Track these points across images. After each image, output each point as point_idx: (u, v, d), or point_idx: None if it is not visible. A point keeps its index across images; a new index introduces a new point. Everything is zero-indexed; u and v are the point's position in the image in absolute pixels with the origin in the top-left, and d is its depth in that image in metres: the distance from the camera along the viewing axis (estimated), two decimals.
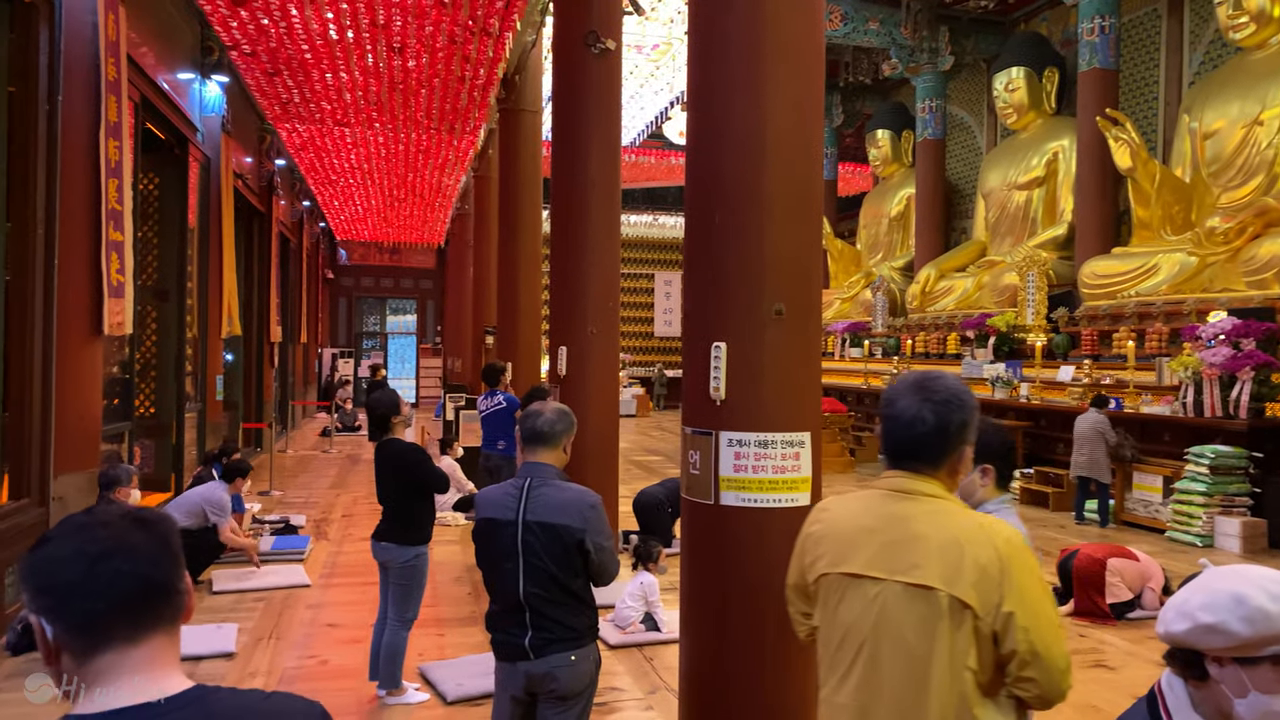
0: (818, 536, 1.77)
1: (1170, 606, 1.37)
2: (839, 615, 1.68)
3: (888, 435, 1.71)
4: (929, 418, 1.64)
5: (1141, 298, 10.59)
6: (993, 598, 1.53)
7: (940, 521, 1.62)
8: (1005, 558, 1.56)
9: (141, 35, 7.02)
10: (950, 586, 1.55)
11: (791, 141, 3.08)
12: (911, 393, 1.67)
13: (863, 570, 1.64)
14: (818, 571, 1.73)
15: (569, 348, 6.27)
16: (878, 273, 16.95)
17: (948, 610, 1.54)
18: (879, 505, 1.69)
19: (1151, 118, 12.60)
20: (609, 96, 6.34)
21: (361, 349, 25.69)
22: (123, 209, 6.18)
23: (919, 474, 1.67)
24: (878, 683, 1.60)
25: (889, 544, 1.63)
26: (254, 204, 12.54)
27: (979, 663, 1.55)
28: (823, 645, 1.73)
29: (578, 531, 2.68)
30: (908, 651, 1.57)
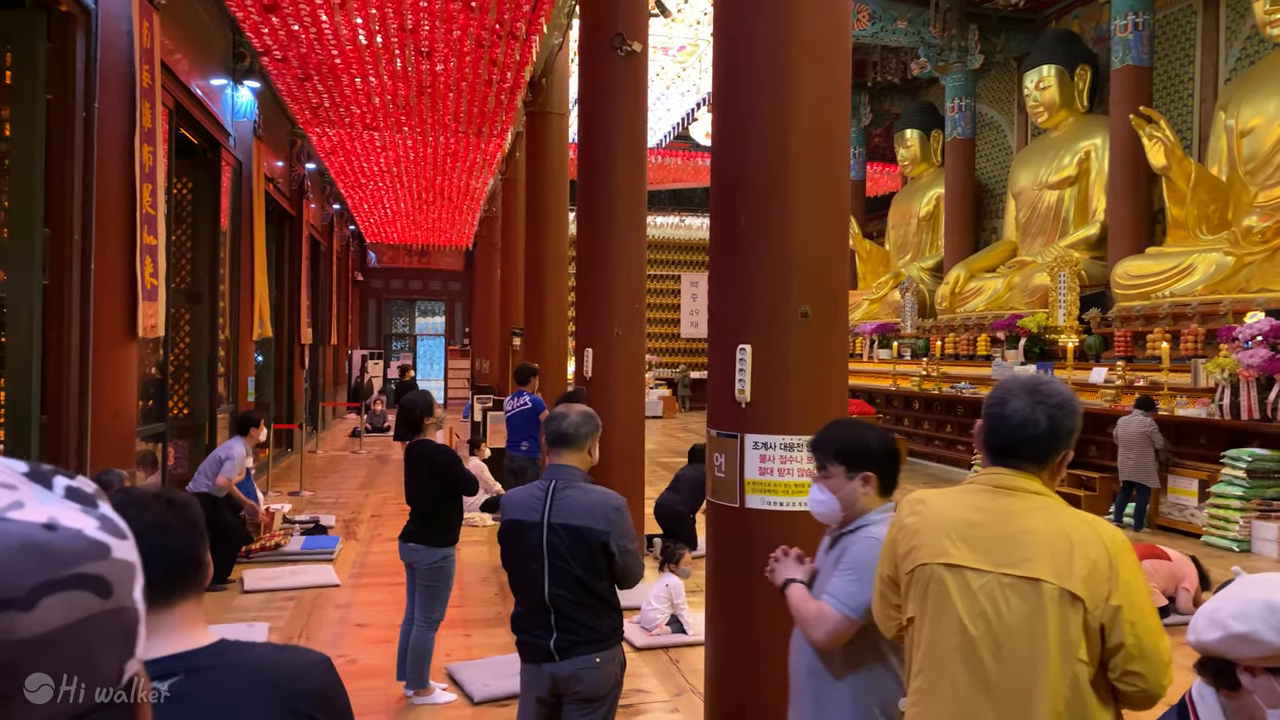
0: (914, 528, 1.77)
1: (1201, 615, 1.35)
2: (941, 606, 1.69)
3: (995, 433, 1.74)
4: (1042, 420, 1.68)
5: (1176, 298, 10.41)
6: (1102, 591, 1.57)
7: (1048, 517, 1.65)
8: (1113, 554, 1.60)
9: (175, 42, 7.13)
10: (1061, 580, 1.58)
11: (817, 142, 3.07)
12: (1024, 394, 1.71)
13: (967, 562, 1.66)
14: (915, 562, 1.74)
15: (595, 349, 6.29)
16: (906, 273, 16.82)
17: (1058, 603, 1.57)
18: (982, 500, 1.72)
19: (1186, 115, 12.39)
20: (635, 98, 6.34)
21: (390, 351, 25.92)
22: (156, 213, 6.28)
23: (1023, 471, 1.71)
24: (987, 674, 1.61)
25: (995, 538, 1.66)
26: (285, 207, 12.69)
27: (1089, 655, 1.57)
28: (919, 634, 1.73)
29: (602, 534, 2.68)
30: (1019, 643, 1.59)
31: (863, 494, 2.15)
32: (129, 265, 5.82)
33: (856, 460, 2.16)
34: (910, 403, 14.24)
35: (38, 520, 0.53)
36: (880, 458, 2.20)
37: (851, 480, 2.15)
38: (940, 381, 13.41)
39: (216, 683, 1.15)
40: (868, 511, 2.16)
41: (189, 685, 1.13)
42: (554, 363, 9.56)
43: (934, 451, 13.40)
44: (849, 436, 2.24)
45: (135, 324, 5.85)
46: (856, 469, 2.15)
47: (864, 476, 2.16)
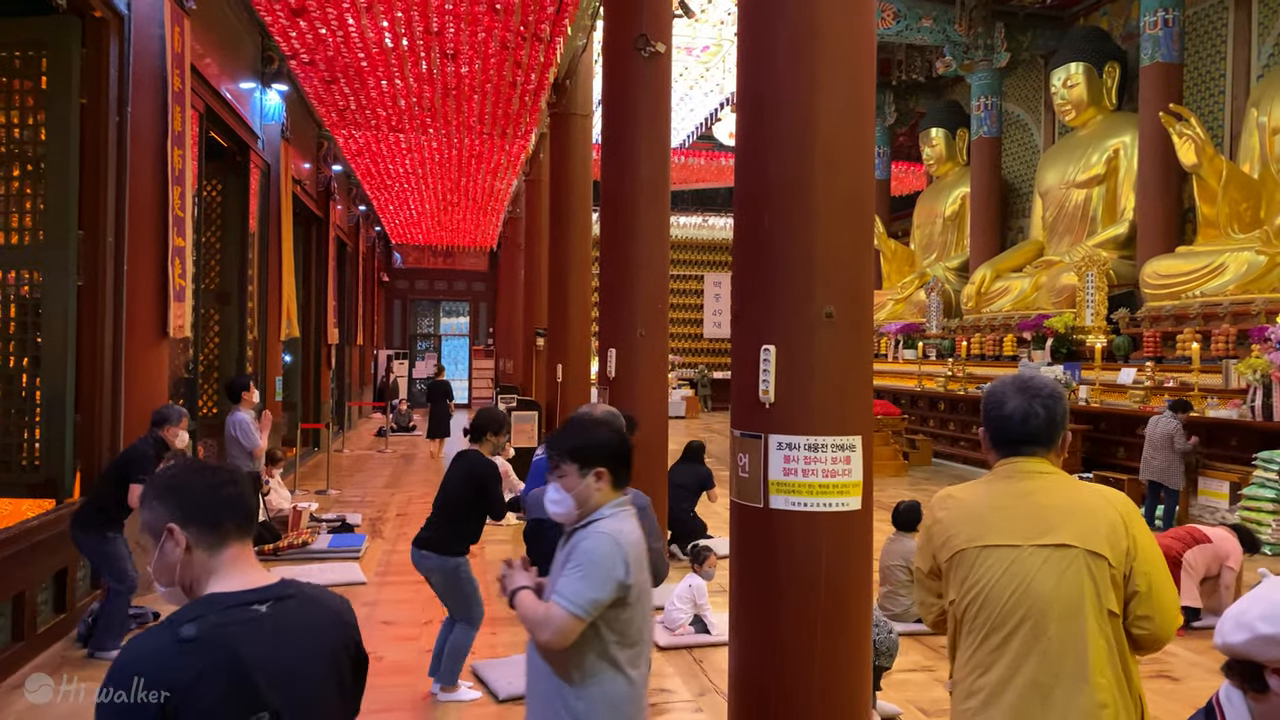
0: (947, 521, 1.94)
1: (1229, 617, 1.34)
2: (982, 584, 1.84)
3: (1002, 431, 1.94)
4: (1041, 412, 1.90)
5: (1207, 298, 10.27)
6: (1121, 546, 1.78)
7: (1063, 490, 1.87)
8: (1125, 515, 1.82)
9: (205, 46, 7.23)
10: (1085, 543, 1.78)
11: (842, 142, 3.06)
12: (1018, 393, 1.93)
13: (1001, 541, 1.84)
14: (953, 549, 1.90)
15: (618, 349, 6.30)
16: (932, 273, 16.70)
17: (1086, 563, 1.77)
18: (1003, 486, 1.91)
19: (1218, 112, 12.22)
20: (659, 99, 6.35)
21: (415, 351, 26.09)
22: (185, 215, 6.37)
23: (1034, 456, 1.91)
24: (1030, 634, 1.77)
25: (1021, 515, 1.84)
26: (312, 209, 12.82)
27: (1118, 606, 1.78)
28: (963, 613, 1.88)
29: None
30: (1059, 603, 1.76)
31: (595, 490, 2.19)
32: (160, 266, 5.91)
33: (588, 457, 2.20)
34: (935, 403, 14.15)
35: None
36: (611, 453, 2.24)
37: (585, 477, 2.19)
38: (966, 382, 13.31)
39: (300, 609, 1.48)
40: (600, 507, 2.19)
41: (280, 609, 1.45)
42: (577, 363, 9.60)
43: (959, 453, 13.30)
44: (580, 434, 2.30)
45: (166, 324, 5.94)
46: (589, 466, 2.19)
47: (596, 472, 2.19)
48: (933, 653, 5.08)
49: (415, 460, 13.41)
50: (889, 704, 4.18)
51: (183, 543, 1.44)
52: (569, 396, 9.26)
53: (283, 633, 1.43)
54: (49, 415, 5.21)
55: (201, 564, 1.45)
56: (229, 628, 1.37)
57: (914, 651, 5.05)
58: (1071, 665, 1.74)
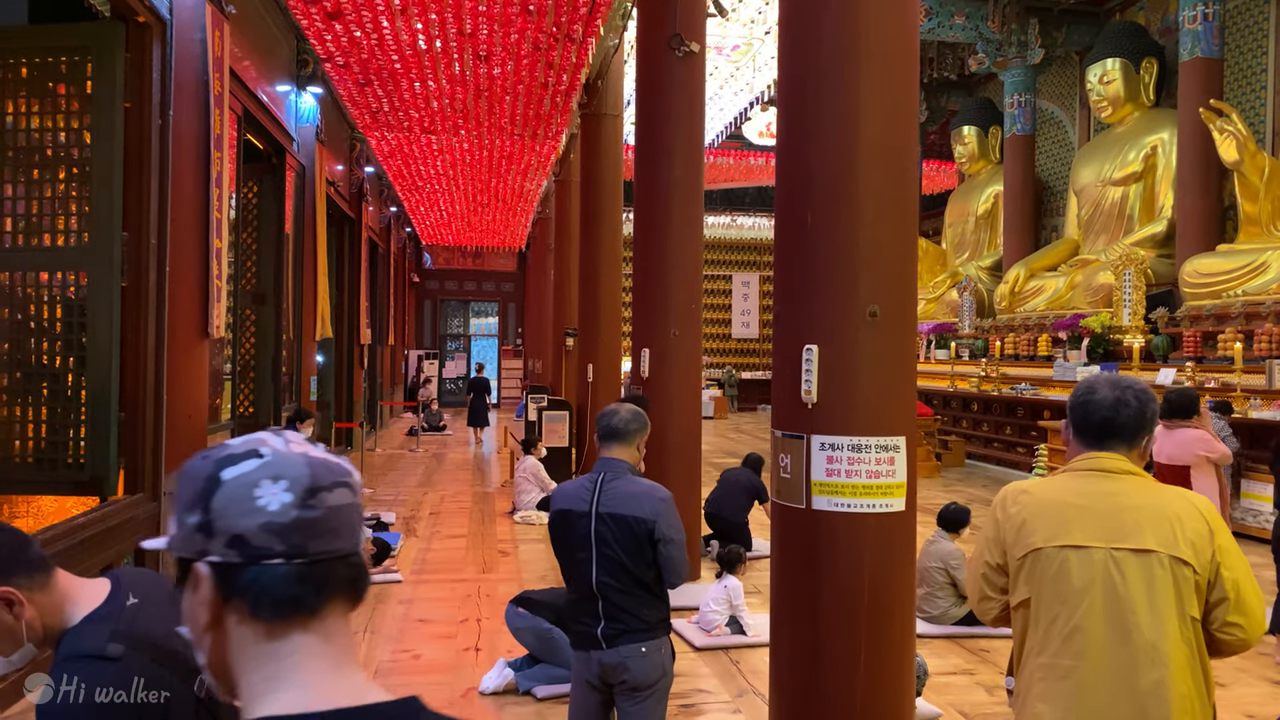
0: (1020, 518, 1.92)
1: None
2: (1060, 584, 1.83)
3: (1089, 419, 1.93)
4: (1132, 401, 1.91)
5: (1249, 297, 10.08)
6: (1205, 554, 1.78)
7: (1147, 494, 1.85)
8: (1210, 521, 1.81)
9: (243, 49, 7.32)
10: (1169, 548, 1.77)
11: (885, 141, 3.04)
12: (1109, 386, 1.94)
13: (1081, 541, 1.82)
14: (1029, 547, 1.88)
15: (651, 349, 6.30)
16: (964, 273, 16.54)
17: (1169, 568, 1.77)
18: (1084, 484, 1.90)
19: (1259, 108, 11.99)
20: (693, 99, 6.34)
21: (445, 351, 26.26)
22: (222, 216, 6.45)
23: (1118, 453, 1.91)
24: (1109, 639, 1.77)
25: (1103, 516, 1.83)
26: (345, 210, 12.94)
27: (1200, 611, 1.78)
28: (1036, 614, 1.87)
29: (649, 522, 2.75)
30: (1141, 608, 1.76)
31: None
32: (202, 268, 5.99)
33: None
34: (969, 404, 14.00)
35: (315, 453, 0.90)
36: None
37: None
38: (1000, 383, 13.16)
39: (152, 587, 1.57)
40: None
41: (139, 600, 1.54)
42: (608, 363, 9.60)
43: (993, 454, 13.15)
44: None
45: (208, 325, 6.02)
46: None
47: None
48: (973, 656, 5.03)
49: (446, 460, 13.49)
50: (930, 705, 4.14)
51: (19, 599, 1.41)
52: (600, 396, 9.26)
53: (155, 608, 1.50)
54: (94, 414, 5.29)
55: (44, 605, 1.43)
56: (137, 622, 1.45)
57: (954, 655, 5.00)
58: (1153, 670, 1.74)
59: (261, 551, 0.83)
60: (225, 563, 0.84)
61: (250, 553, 0.83)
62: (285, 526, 0.83)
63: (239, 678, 0.85)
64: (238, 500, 0.84)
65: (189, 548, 0.85)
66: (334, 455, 0.91)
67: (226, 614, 0.85)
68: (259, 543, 0.83)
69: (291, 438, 0.90)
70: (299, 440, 0.90)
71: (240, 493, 0.84)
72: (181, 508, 0.87)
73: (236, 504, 0.83)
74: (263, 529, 0.83)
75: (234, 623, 0.85)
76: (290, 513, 0.84)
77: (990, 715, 4.21)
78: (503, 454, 13.99)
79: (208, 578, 0.84)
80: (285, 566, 0.83)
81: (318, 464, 0.87)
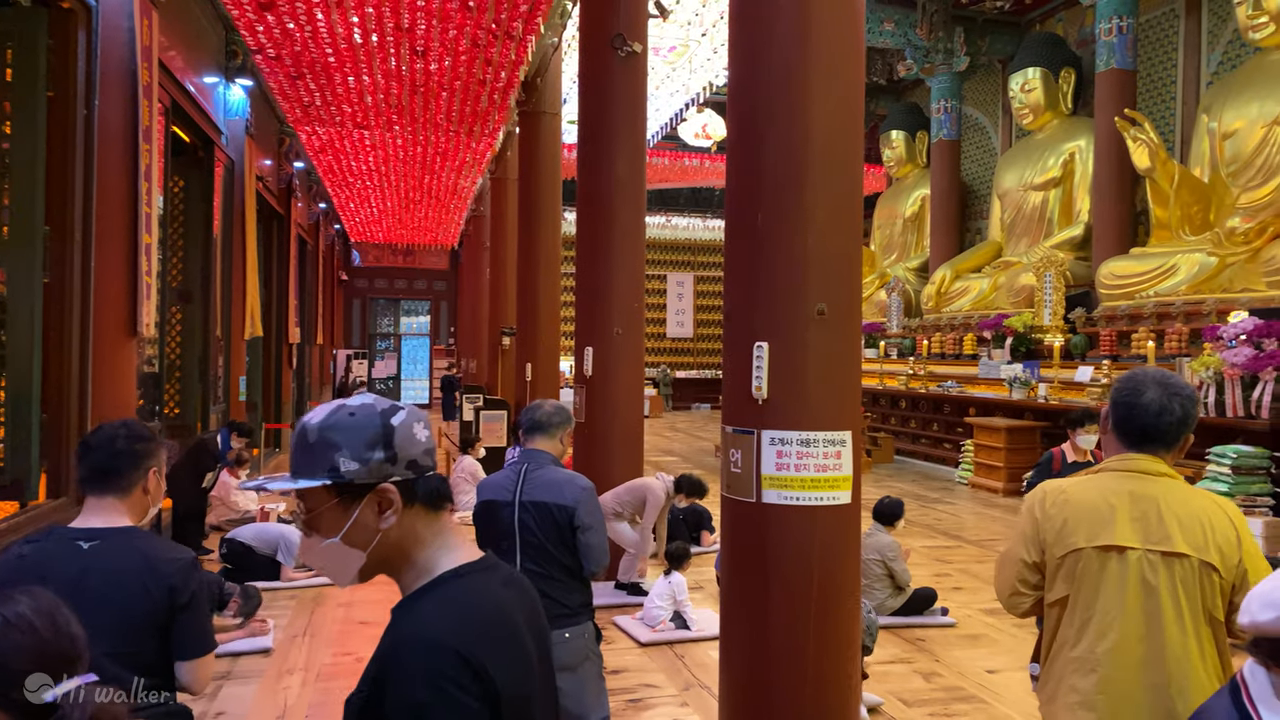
0: (1061, 518, 1.98)
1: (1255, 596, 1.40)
2: (1098, 583, 1.91)
3: (1131, 420, 1.97)
4: (1177, 409, 1.95)
5: (1160, 298, 10.57)
6: (1233, 559, 1.87)
7: (1183, 498, 1.92)
8: (1238, 526, 1.91)
9: (170, 39, 7.09)
10: (1200, 553, 1.86)
11: (834, 142, 3.12)
12: (1157, 387, 1.96)
13: (1120, 543, 1.91)
14: (1069, 547, 1.96)
15: (594, 348, 6.32)
16: (892, 274, 16.95)
17: (1198, 572, 1.86)
18: (1123, 485, 1.96)
19: (1169, 118, 12.58)
20: (635, 99, 6.38)
21: (375, 350, 25.81)
22: (151, 211, 6.25)
23: (1156, 456, 1.97)
24: (1140, 635, 1.86)
25: (1140, 519, 1.91)
26: (274, 206, 12.63)
27: (1223, 613, 1.88)
28: (1072, 610, 1.95)
29: (569, 509, 2.87)
30: (1169, 608, 1.85)
31: None
32: (130, 263, 5.80)
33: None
34: (897, 401, 14.36)
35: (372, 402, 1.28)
36: None
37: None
38: (927, 380, 13.53)
39: (111, 550, 1.99)
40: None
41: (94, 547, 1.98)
42: (547, 362, 9.58)
43: (921, 450, 13.52)
44: None
45: (135, 322, 5.83)
46: None
47: None
48: (910, 645, 5.18)
49: None
50: (871, 694, 4.25)
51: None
52: (539, 395, 9.24)
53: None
54: (14, 415, 5.07)
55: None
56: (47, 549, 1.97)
57: (892, 645, 5.14)
58: (1175, 666, 1.84)
59: (426, 467, 1.26)
60: (405, 480, 1.23)
61: (420, 469, 1.25)
62: (429, 450, 1.29)
63: (416, 554, 1.25)
64: (409, 437, 1.25)
65: (376, 475, 1.21)
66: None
67: (408, 516, 1.23)
68: (425, 463, 1.27)
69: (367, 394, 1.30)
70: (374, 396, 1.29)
71: (408, 432, 1.25)
72: (359, 448, 1.21)
73: (409, 439, 1.24)
74: (424, 454, 1.27)
75: (413, 518, 1.24)
76: (429, 441, 1.29)
77: (927, 702, 4.34)
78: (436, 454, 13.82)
79: (396, 492, 1.22)
80: (435, 474, 1.28)
81: (420, 410, 1.30)
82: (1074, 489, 2.01)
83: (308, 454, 1.21)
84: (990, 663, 4.87)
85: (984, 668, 4.79)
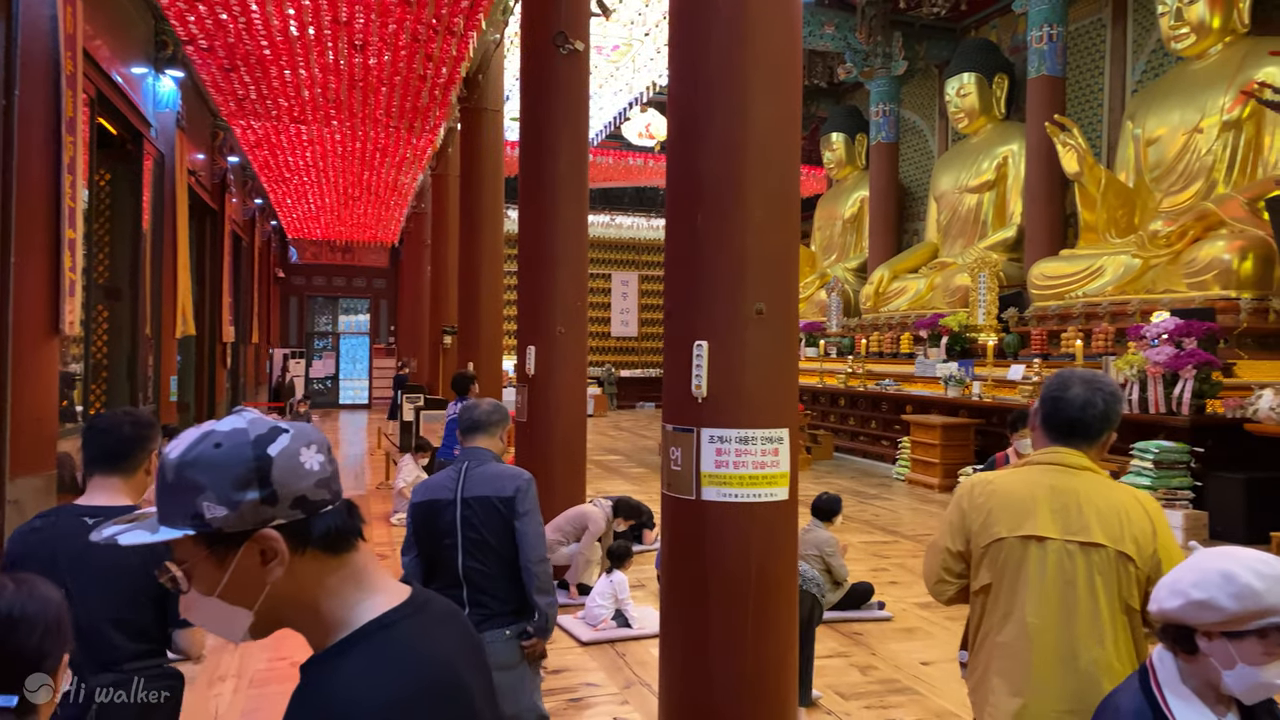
0: (986, 508, 2.06)
1: (1163, 585, 1.46)
2: (1018, 572, 1.99)
3: (1058, 414, 2.05)
4: (1100, 404, 2.03)
5: (1088, 298, 10.91)
6: (1148, 550, 1.94)
7: (1102, 491, 2.00)
8: (1154, 519, 1.98)
9: (95, 28, 6.86)
10: (1116, 544, 1.94)
11: (772, 143, 3.15)
12: (1083, 384, 2.04)
13: (1041, 533, 1.97)
14: (992, 536, 2.03)
15: (537, 347, 6.29)
16: (832, 274, 17.20)
17: (1115, 562, 1.93)
18: (1046, 478, 2.03)
19: (1096, 124, 13.00)
20: (577, 97, 6.37)
21: (313, 349, 25.31)
22: (76, 206, 6.04)
23: (1079, 450, 2.04)
24: (1057, 622, 1.94)
25: (1061, 511, 1.98)
26: (207, 201, 12.31)
27: (1139, 602, 1.94)
28: (995, 598, 2.03)
29: (510, 500, 2.90)
30: (1084, 596, 1.93)
31: None
32: (52, 260, 5.60)
33: None
34: (836, 399, 14.58)
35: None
36: None
37: None
38: (865, 379, 13.76)
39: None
40: None
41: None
42: (490, 361, 9.51)
43: (859, 447, 13.74)
44: None
45: (59, 320, 5.63)
46: None
47: None
48: (847, 639, 5.27)
49: None
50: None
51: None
52: (481, 395, 9.16)
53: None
54: None
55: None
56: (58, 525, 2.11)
57: (829, 639, 5.22)
58: (1092, 652, 1.91)
59: (320, 502, 1.03)
60: (293, 521, 1.01)
61: (312, 507, 1.02)
62: (324, 479, 1.04)
63: (323, 604, 1.03)
64: (292, 469, 1.01)
65: (250, 521, 0.99)
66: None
67: (300, 563, 1.01)
68: (316, 497, 1.02)
69: (256, 411, 1.07)
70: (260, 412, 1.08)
71: (292, 463, 1.01)
72: (227, 490, 0.98)
73: (292, 472, 1.01)
74: (317, 486, 1.03)
75: (310, 564, 1.02)
76: (326, 468, 1.04)
77: (864, 694, 4.42)
78: (375, 456, 13.63)
79: (279, 538, 1.00)
80: (335, 508, 1.04)
81: (313, 429, 1.06)
82: (1000, 481, 2.09)
83: (167, 497, 1.01)
84: (925, 655, 4.97)
85: (919, 660, 4.90)
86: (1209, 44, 10.72)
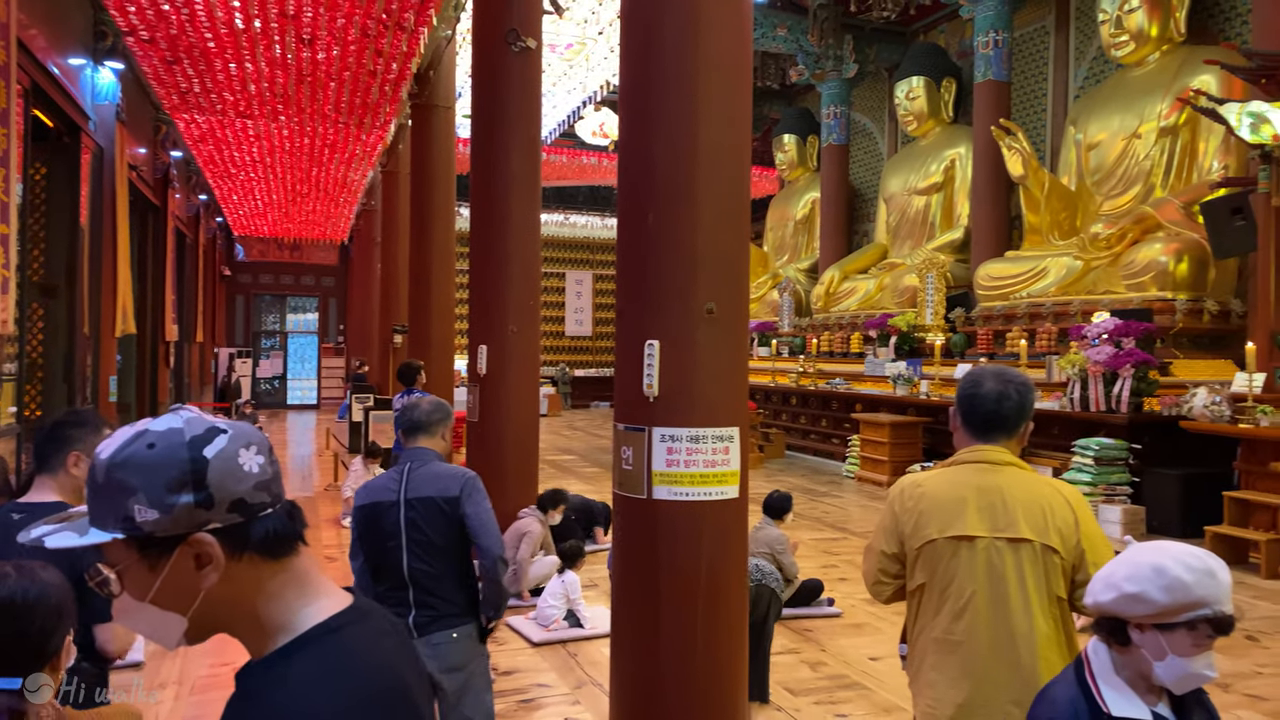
0: (917, 510, 2.10)
1: (1098, 579, 1.50)
2: (951, 570, 2.04)
3: (975, 411, 2.10)
4: (1014, 395, 2.08)
5: (1032, 299, 11.16)
6: (1071, 540, 2.00)
7: (1026, 486, 2.05)
8: (1076, 509, 2.04)
9: (30, 17, 6.65)
10: (1041, 537, 1.99)
11: (723, 145, 3.17)
12: (994, 379, 2.10)
13: (969, 532, 2.03)
14: (924, 538, 2.08)
15: (489, 346, 6.25)
16: (784, 274, 17.36)
17: (1041, 555, 1.99)
18: (972, 478, 2.08)
19: (1040, 128, 13.29)
20: (530, 94, 6.34)
21: (260, 348, 24.84)
22: (9, 200, 5.85)
23: (1000, 444, 2.09)
24: (990, 617, 1.98)
25: (988, 509, 2.03)
26: (149, 197, 12.01)
27: (1065, 591, 2.01)
28: (930, 596, 2.08)
29: (456, 499, 2.87)
30: (1015, 590, 1.98)
31: None
32: None
33: None
34: (788, 398, 14.71)
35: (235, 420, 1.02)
36: None
37: None
38: (816, 378, 13.91)
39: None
40: None
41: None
42: (441, 359, 9.42)
43: (811, 445, 13.88)
44: None
45: None
46: None
47: None
48: (797, 636, 5.32)
49: None
50: None
51: None
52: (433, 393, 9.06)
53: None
54: None
55: None
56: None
57: (780, 636, 5.25)
58: (1024, 642, 1.97)
59: (259, 505, 0.99)
60: (229, 525, 0.97)
61: (250, 511, 0.98)
62: (265, 482, 1.00)
63: (262, 609, 1.00)
64: (229, 471, 0.97)
65: (184, 525, 0.95)
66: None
67: (237, 568, 0.98)
68: (255, 500, 0.99)
69: (195, 410, 1.03)
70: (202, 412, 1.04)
71: (229, 465, 0.97)
72: (160, 492, 0.94)
73: (230, 474, 0.97)
74: (256, 489, 0.99)
75: (248, 569, 0.99)
76: (267, 470, 1.01)
77: (813, 690, 4.47)
78: (324, 457, 13.42)
79: (214, 543, 0.96)
80: (275, 511, 1.01)
81: (253, 429, 1.03)
82: (929, 482, 2.14)
83: (98, 499, 0.97)
84: (873, 650, 5.04)
85: (867, 655, 4.96)
86: (1147, 52, 11.03)
